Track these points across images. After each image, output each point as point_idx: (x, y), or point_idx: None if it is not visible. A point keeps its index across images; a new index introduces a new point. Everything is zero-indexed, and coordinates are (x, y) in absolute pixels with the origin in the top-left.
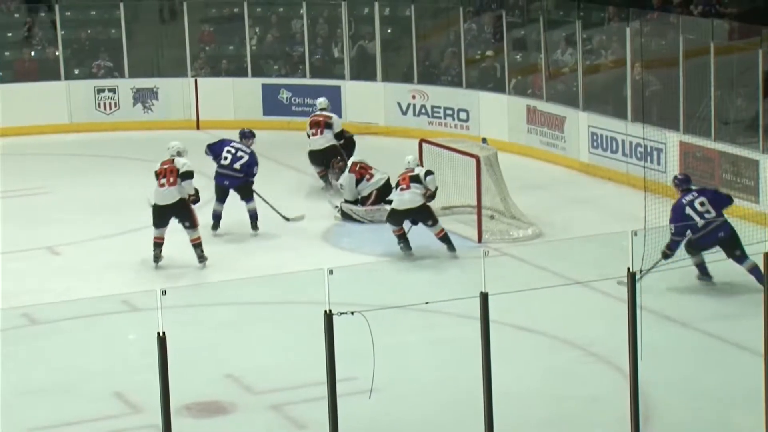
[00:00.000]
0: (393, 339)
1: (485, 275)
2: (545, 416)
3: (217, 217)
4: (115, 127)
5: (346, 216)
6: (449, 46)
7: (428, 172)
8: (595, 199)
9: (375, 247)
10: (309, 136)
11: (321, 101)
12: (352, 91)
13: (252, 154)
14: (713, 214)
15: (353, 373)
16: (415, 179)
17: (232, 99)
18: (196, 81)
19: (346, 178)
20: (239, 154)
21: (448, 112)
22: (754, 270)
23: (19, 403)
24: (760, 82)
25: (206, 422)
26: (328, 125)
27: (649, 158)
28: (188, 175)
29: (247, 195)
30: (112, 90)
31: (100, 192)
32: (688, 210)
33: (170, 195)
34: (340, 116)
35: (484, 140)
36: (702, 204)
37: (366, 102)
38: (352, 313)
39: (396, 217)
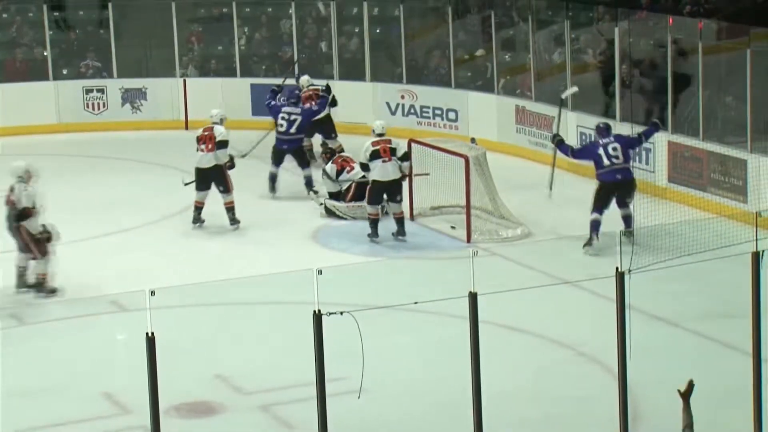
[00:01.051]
0: (382, 339)
1: (474, 275)
2: (534, 416)
3: (273, 179)
4: (104, 128)
5: (329, 212)
6: (438, 46)
7: (406, 156)
8: (584, 198)
9: (364, 247)
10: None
11: (305, 79)
12: (341, 90)
13: (304, 113)
14: (621, 160)
15: (342, 374)
16: (393, 152)
17: (220, 99)
18: (184, 81)
19: (329, 169)
20: (292, 118)
21: (437, 112)
22: (626, 218)
23: (7, 404)
24: (748, 82)
25: (195, 423)
26: (317, 95)
27: (637, 158)
28: (223, 144)
29: (303, 161)
30: (101, 90)
31: (88, 192)
32: (601, 151)
33: (207, 160)
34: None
35: (473, 140)
36: (615, 149)
37: (355, 102)
38: (341, 313)
39: (378, 191)
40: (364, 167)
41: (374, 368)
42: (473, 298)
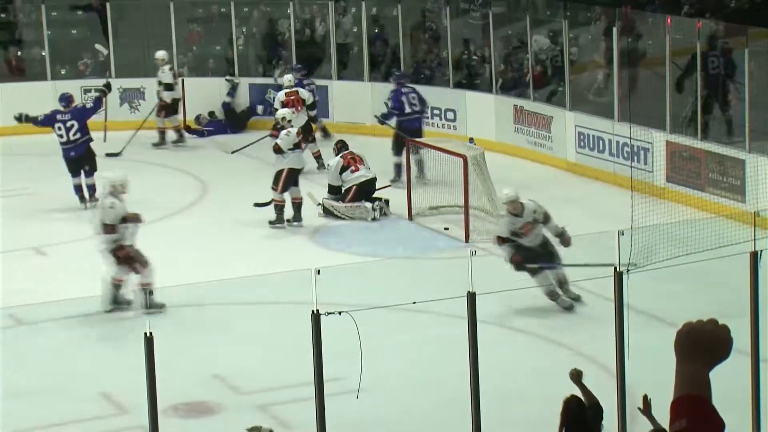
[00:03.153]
0: (380, 339)
1: (472, 275)
2: (533, 416)
3: None
4: (102, 127)
5: (327, 212)
6: (435, 45)
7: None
8: (582, 198)
9: (363, 247)
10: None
11: (160, 54)
12: (339, 90)
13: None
14: (419, 108)
15: (340, 373)
16: None
17: (218, 99)
18: (183, 81)
19: (334, 162)
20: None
21: (435, 111)
22: (419, 162)
23: (5, 404)
24: (746, 82)
25: (193, 422)
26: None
27: (635, 158)
28: (314, 105)
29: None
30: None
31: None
32: (403, 98)
33: (301, 119)
34: (327, 116)
35: (471, 140)
36: (414, 98)
37: (353, 102)
38: (340, 313)
39: (293, 178)
40: (279, 151)
41: (372, 368)
42: (471, 297)
